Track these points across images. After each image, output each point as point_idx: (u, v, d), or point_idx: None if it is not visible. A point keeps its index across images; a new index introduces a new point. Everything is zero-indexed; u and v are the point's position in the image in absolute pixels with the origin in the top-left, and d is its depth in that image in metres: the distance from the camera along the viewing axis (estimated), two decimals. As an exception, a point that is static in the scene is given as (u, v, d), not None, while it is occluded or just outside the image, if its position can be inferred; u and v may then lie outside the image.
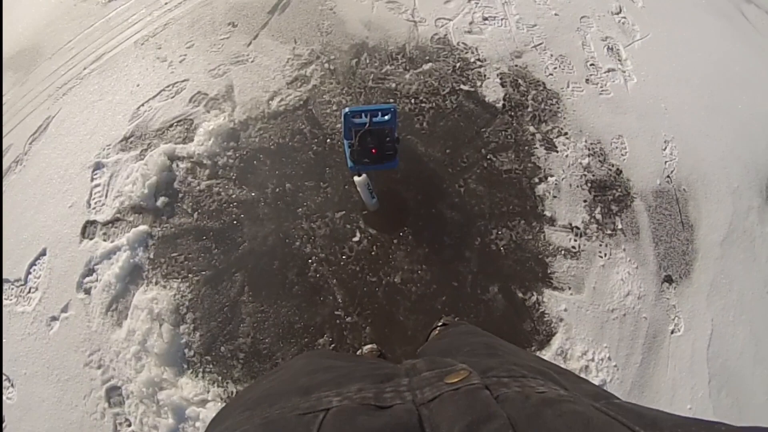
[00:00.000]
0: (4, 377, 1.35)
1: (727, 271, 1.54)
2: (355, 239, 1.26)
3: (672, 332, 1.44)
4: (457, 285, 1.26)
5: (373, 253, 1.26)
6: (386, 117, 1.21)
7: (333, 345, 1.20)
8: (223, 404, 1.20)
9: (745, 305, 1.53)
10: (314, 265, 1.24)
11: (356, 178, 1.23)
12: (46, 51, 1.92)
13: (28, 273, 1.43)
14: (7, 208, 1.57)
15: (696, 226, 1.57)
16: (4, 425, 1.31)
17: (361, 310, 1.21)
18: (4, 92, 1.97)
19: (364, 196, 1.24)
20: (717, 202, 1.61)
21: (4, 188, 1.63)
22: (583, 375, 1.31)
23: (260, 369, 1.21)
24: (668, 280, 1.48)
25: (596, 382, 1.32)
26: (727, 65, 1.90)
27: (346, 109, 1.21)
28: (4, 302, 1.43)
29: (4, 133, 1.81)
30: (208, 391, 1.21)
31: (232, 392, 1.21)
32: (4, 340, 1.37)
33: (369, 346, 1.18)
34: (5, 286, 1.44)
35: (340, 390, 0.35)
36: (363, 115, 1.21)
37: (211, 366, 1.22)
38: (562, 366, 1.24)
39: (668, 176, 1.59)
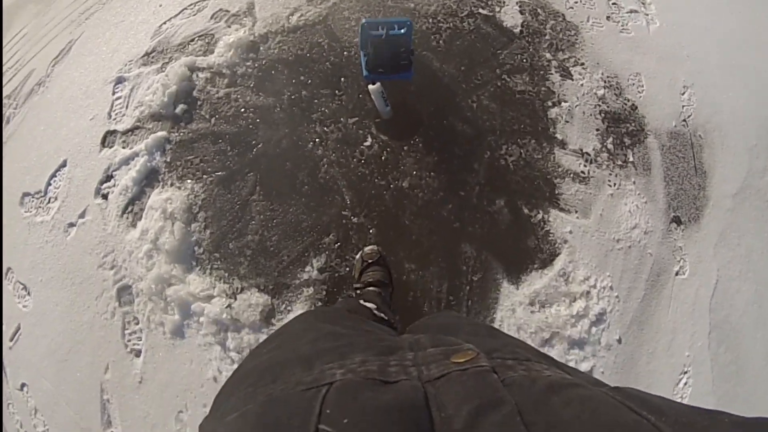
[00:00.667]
0: (20, 286, 1.45)
1: (737, 225, 1.56)
2: (367, 144, 1.33)
3: (677, 274, 1.47)
4: (464, 195, 1.32)
5: (383, 158, 1.32)
6: (402, 30, 1.28)
7: (338, 244, 1.27)
8: (228, 300, 1.28)
9: (752, 263, 1.54)
10: (325, 166, 1.32)
11: (371, 87, 1.30)
12: (69, -18, 2.02)
13: (48, 184, 1.53)
14: (30, 127, 1.67)
15: (709, 174, 1.59)
16: (19, 333, 1.41)
17: (368, 212, 1.28)
18: (24, 24, 2.08)
19: (378, 104, 1.30)
20: (733, 155, 1.63)
21: (27, 109, 1.74)
22: (584, 301, 1.36)
23: (265, 266, 1.28)
24: (677, 221, 1.51)
25: (596, 309, 1.35)
26: (755, 26, 1.91)
27: (363, 21, 1.28)
28: (24, 215, 1.53)
29: (25, 61, 1.93)
30: (214, 287, 1.30)
31: (237, 288, 1.29)
32: (23, 250, 1.46)
33: (370, 247, 1.24)
34: (25, 199, 1.54)
35: (343, 362, 0.35)
36: (380, 27, 1.27)
37: (219, 263, 1.30)
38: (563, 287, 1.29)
39: (684, 120, 1.62)
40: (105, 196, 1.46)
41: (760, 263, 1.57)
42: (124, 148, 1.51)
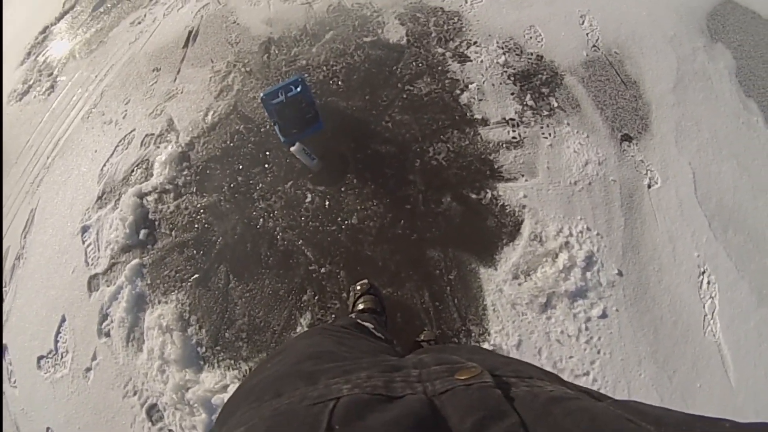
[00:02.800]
0: None
1: (689, 114, 1.71)
2: (308, 200, 1.59)
3: (649, 186, 1.61)
4: (410, 206, 1.54)
5: (326, 206, 1.57)
6: (297, 88, 1.55)
7: (317, 297, 1.50)
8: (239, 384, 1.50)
9: (721, 141, 1.67)
10: (280, 234, 1.57)
11: (292, 149, 1.56)
12: (10, 158, 2.42)
13: (56, 341, 1.83)
14: (23, 298, 2.00)
15: (640, 82, 1.78)
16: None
17: (331, 259, 1.51)
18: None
19: (305, 161, 1.56)
20: (656, 53, 1.81)
21: (15, 284, 2.07)
22: (566, 252, 1.52)
23: (262, 341, 1.52)
24: (626, 138, 1.68)
25: (582, 255, 1.50)
26: None
27: (261, 94, 1.56)
28: (44, 376, 1.82)
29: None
30: (226, 376, 1.53)
31: (246, 370, 1.51)
32: (54, 407, 1.74)
33: (360, 282, 1.45)
34: (41, 362, 1.84)
35: (348, 377, 0.38)
36: (279, 94, 1.55)
37: (222, 354, 1.54)
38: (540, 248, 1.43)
39: (594, 45, 1.83)
40: (108, 334, 1.74)
41: (730, 136, 1.69)
42: (108, 286, 1.80)
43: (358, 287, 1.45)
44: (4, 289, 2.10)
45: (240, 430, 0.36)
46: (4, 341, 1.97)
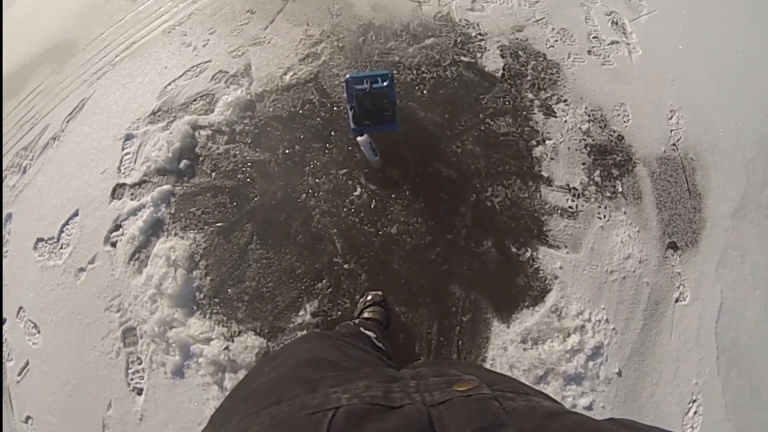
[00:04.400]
0: (31, 324, 1.67)
1: (738, 244, 1.67)
2: (356, 193, 1.54)
3: (677, 300, 1.58)
4: (451, 238, 1.49)
5: (372, 206, 1.52)
6: (384, 83, 1.49)
7: (330, 289, 1.45)
8: (226, 342, 1.46)
9: (758, 281, 1.63)
10: (317, 216, 1.52)
11: (359, 138, 1.51)
12: (80, 43, 2.38)
13: (61, 231, 1.79)
14: (45, 178, 1.96)
15: (704, 196, 1.72)
16: (27, 368, 1.62)
17: (358, 258, 1.46)
18: (41, 81, 2.42)
19: (367, 154, 1.51)
20: (728, 173, 1.76)
21: (42, 161, 2.03)
22: (578, 335, 1.47)
23: (262, 311, 1.47)
24: (673, 246, 1.63)
25: (592, 344, 1.47)
26: (743, 37, 2.08)
27: (348, 75, 1.51)
28: (37, 258, 1.78)
29: (41, 116, 2.25)
30: (213, 330, 1.49)
31: (235, 331, 1.47)
32: (36, 291, 1.70)
33: (374, 291, 1.41)
34: (39, 244, 1.80)
35: (347, 386, 0.37)
36: (364, 81, 1.50)
37: (218, 307, 1.50)
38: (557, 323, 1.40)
39: (674, 144, 1.77)
40: (114, 244, 1.70)
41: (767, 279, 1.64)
42: (132, 200, 1.76)
43: (370, 296, 1.40)
44: (29, 161, 2.06)
45: None
46: (11, 210, 1.93)
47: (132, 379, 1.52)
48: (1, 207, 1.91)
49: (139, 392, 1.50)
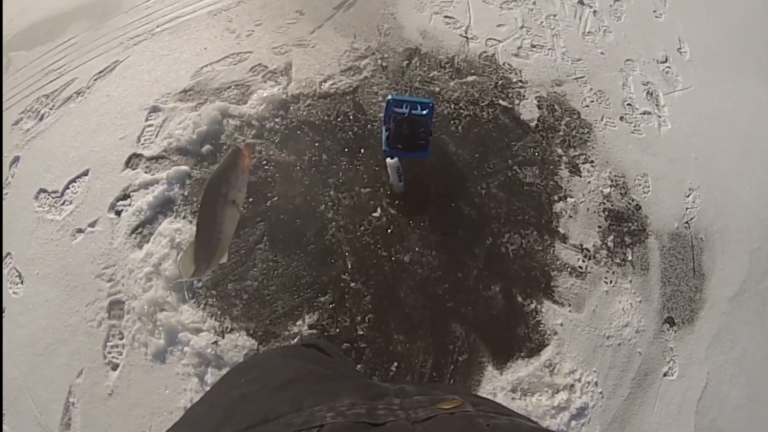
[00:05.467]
0: (16, 273, 1.59)
1: (732, 329, 1.69)
2: (376, 214, 1.51)
3: (665, 375, 1.59)
4: (462, 276, 1.47)
5: (389, 230, 1.50)
6: (424, 111, 1.49)
7: (333, 305, 1.41)
8: (216, 337, 1.40)
9: (745, 367, 1.66)
10: (332, 229, 1.49)
11: (389, 160, 1.50)
12: (124, 5, 2.33)
13: (66, 188, 1.72)
14: (61, 130, 1.90)
15: (707, 276, 1.74)
16: (2, 316, 1.53)
17: (366, 279, 1.44)
18: (76, 34, 2.37)
19: (393, 178, 1.49)
20: (733, 259, 1.78)
21: (61, 113, 1.97)
22: (567, 393, 1.46)
23: (258, 313, 1.43)
24: (670, 321, 1.64)
25: (578, 404, 1.46)
26: (765, 131, 2.12)
27: (389, 96, 1.50)
28: (36, 209, 1.70)
29: (69, 69, 2.19)
30: (205, 322, 1.43)
31: (227, 327, 1.42)
32: (28, 240, 1.62)
33: (309, 330, 1.37)
34: (41, 195, 1.72)
35: (332, 404, 0.37)
36: (404, 105, 1.49)
37: (214, 300, 1.45)
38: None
39: (687, 222, 1.79)
40: (118, 213, 1.63)
41: (754, 369, 1.67)
42: (146, 173, 1.71)
43: (306, 335, 1.35)
44: (48, 110, 1.99)
45: None
46: (19, 153, 1.85)
47: (110, 353, 1.45)
48: (1, 150, 1.83)
49: (114, 367, 1.43)
